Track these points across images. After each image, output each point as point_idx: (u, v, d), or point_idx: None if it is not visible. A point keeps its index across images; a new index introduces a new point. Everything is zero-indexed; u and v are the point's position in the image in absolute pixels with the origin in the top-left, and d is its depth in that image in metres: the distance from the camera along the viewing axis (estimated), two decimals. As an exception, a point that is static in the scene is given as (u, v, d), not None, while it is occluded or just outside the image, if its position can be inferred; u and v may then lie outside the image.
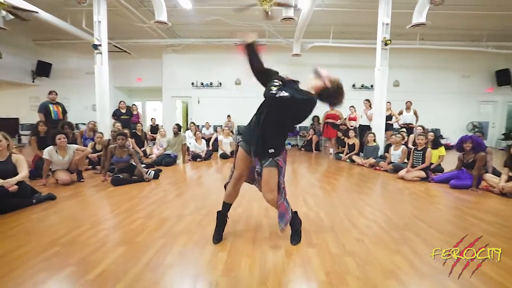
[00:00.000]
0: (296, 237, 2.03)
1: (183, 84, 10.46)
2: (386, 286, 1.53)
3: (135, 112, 8.56)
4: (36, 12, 5.76)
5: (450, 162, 4.88)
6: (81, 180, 3.89)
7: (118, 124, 6.16)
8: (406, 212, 2.83)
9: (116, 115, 7.19)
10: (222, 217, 2.04)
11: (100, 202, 2.99)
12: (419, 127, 5.63)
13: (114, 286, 1.45)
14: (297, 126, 10.32)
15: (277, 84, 1.64)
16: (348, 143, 6.41)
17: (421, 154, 4.36)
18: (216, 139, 7.60)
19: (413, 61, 9.65)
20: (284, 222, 1.90)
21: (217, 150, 6.98)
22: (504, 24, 7.84)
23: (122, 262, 1.69)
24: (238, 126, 10.41)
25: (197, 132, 6.36)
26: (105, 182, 3.77)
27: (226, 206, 2.04)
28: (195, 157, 6.01)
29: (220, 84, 10.40)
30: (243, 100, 10.40)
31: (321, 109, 8.55)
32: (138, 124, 6.88)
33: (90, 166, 4.81)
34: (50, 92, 5.36)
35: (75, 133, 5.67)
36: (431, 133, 4.85)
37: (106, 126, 6.20)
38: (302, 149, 8.81)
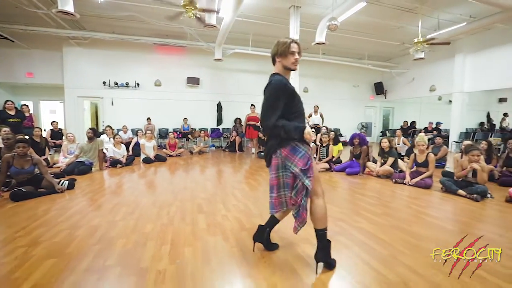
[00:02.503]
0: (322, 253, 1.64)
1: (92, 83, 9.27)
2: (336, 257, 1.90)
3: (27, 114, 7.13)
4: None
5: (347, 155, 6.10)
6: (-38, 199, 3.13)
7: (6, 129, 5.04)
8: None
9: (1, 118, 5.84)
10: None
11: (1, 221, 2.52)
12: (324, 127, 6.80)
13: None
14: (220, 128, 10.70)
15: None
16: (268, 143, 7.12)
17: (326, 150, 5.35)
18: (136, 143, 7.14)
19: (317, 72, 11.43)
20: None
21: (138, 155, 6.58)
22: (377, 48, 10.31)
23: (56, 273, 1.60)
24: (159, 129, 9.95)
25: (117, 136, 5.85)
26: (0, 199, 3.15)
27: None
28: (115, 163, 5.53)
29: (138, 84, 9.71)
30: (163, 102, 10.03)
31: (243, 112, 9.22)
32: (36, 129, 5.79)
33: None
34: None
35: None
36: (332, 132, 5.98)
37: (-12, 132, 4.99)
38: (226, 150, 9.16)
